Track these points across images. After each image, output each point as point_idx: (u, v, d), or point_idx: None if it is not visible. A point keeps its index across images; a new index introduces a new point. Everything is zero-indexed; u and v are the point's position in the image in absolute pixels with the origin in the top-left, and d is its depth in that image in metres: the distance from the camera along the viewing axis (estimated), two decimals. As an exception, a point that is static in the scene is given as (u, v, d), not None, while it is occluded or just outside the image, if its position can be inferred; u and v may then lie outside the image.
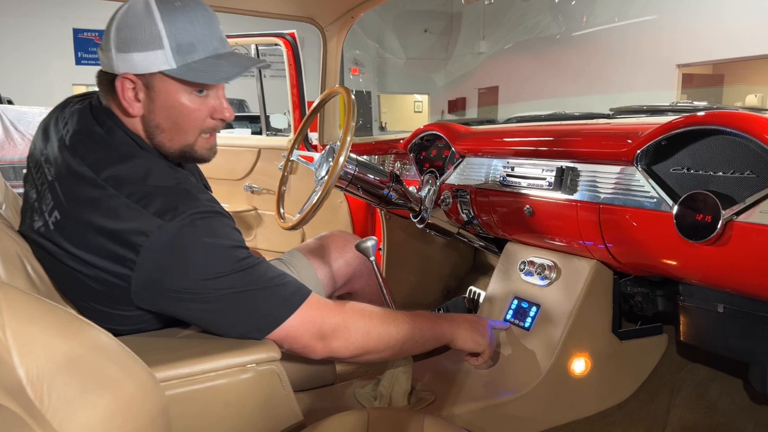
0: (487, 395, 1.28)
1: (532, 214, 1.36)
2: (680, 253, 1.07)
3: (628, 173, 1.15)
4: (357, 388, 1.29)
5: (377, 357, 1.14)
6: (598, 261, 1.31)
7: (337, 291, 1.54)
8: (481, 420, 1.25)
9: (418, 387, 1.29)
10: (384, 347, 1.12)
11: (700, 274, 1.08)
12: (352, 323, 1.09)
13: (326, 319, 1.07)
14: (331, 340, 1.07)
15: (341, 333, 1.07)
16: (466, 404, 1.25)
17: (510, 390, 1.29)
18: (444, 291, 2.15)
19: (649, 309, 1.34)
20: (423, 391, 1.28)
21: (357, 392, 1.28)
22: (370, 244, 1.26)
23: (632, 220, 1.14)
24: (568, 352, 1.30)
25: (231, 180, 2.45)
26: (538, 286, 1.41)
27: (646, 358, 1.40)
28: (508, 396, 1.28)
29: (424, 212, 1.70)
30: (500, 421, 1.27)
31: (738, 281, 1.00)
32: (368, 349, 1.11)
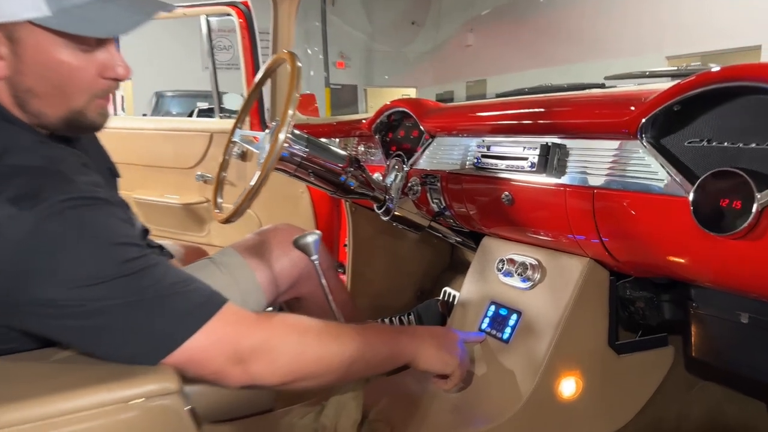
0: (456, 425, 1.05)
1: (512, 202, 1.12)
2: (696, 249, 0.83)
3: (630, 149, 0.91)
4: (296, 417, 1.05)
5: (316, 383, 0.90)
6: (591, 259, 1.07)
7: (281, 296, 1.29)
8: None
9: (371, 416, 1.05)
10: (324, 371, 0.89)
11: (722, 276, 0.85)
12: (279, 341, 0.85)
13: (244, 336, 0.83)
14: (250, 363, 0.83)
15: (264, 354, 0.84)
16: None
17: (485, 418, 1.06)
18: (418, 292, 1.92)
19: (652, 317, 1.10)
20: (376, 422, 1.04)
21: (295, 423, 1.04)
22: (311, 240, 1.02)
23: (634, 208, 0.90)
24: (555, 371, 1.07)
25: (180, 168, 2.20)
26: (519, 289, 1.17)
27: (648, 376, 1.17)
28: (483, 426, 1.04)
29: (390, 202, 1.45)
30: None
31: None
32: (302, 374, 0.87)
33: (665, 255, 0.90)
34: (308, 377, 0.88)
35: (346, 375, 0.92)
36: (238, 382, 0.83)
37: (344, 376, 0.92)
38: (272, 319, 0.88)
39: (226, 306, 0.83)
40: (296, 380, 0.87)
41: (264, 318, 0.87)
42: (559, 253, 1.13)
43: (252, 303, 1.20)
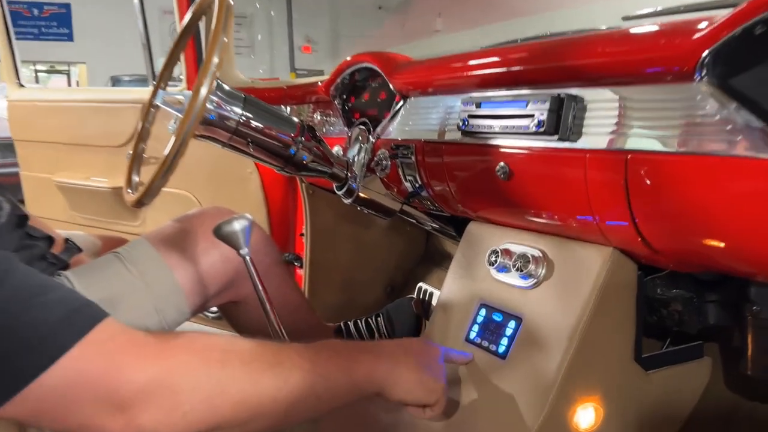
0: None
1: (509, 176, 0.86)
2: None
3: (684, 95, 0.65)
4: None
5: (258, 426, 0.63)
6: (615, 249, 0.81)
7: (213, 300, 1.01)
8: None
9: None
10: (253, 415, 0.61)
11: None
12: (183, 376, 0.57)
13: (129, 370, 0.55)
14: (138, 411, 0.55)
15: (159, 397, 0.56)
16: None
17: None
18: (387, 289, 1.65)
19: (691, 323, 0.85)
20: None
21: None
22: (239, 227, 0.73)
23: (688, 176, 0.65)
24: (569, 396, 0.81)
25: (110, 147, 1.88)
26: (518, 289, 0.90)
27: (680, 397, 0.92)
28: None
29: (352, 181, 1.18)
30: None
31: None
32: (220, 422, 0.60)
33: (729, 239, 0.65)
34: (229, 425, 0.60)
35: (288, 417, 0.65)
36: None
37: (285, 420, 0.65)
38: (174, 341, 0.60)
39: (104, 323, 0.55)
40: (211, 431, 0.59)
41: (162, 341, 0.59)
42: (570, 241, 0.87)
43: (169, 311, 0.91)
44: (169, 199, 1.75)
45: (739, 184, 0.60)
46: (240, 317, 1.09)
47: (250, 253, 0.76)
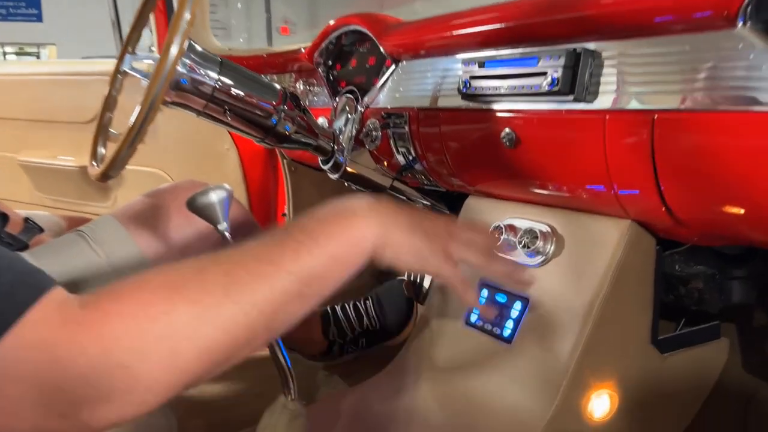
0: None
1: (516, 143, 0.78)
2: None
3: (723, 44, 0.57)
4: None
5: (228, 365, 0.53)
6: (633, 221, 0.74)
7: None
8: None
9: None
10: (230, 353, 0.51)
11: None
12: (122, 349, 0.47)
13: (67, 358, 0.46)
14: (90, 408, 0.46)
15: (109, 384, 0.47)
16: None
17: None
18: (376, 272, 1.56)
19: (713, 301, 0.79)
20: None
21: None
22: (216, 199, 0.64)
23: (725, 136, 0.57)
24: (582, 384, 0.74)
25: (77, 123, 1.76)
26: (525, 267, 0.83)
27: (697, 381, 0.86)
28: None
29: (339, 155, 1.09)
30: None
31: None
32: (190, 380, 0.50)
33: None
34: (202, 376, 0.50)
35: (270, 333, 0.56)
36: None
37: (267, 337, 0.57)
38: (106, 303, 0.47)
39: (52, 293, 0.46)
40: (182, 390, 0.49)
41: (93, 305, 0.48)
42: (582, 214, 0.79)
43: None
44: (142, 177, 1.65)
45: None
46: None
47: (229, 228, 0.67)
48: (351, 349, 1.21)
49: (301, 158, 1.43)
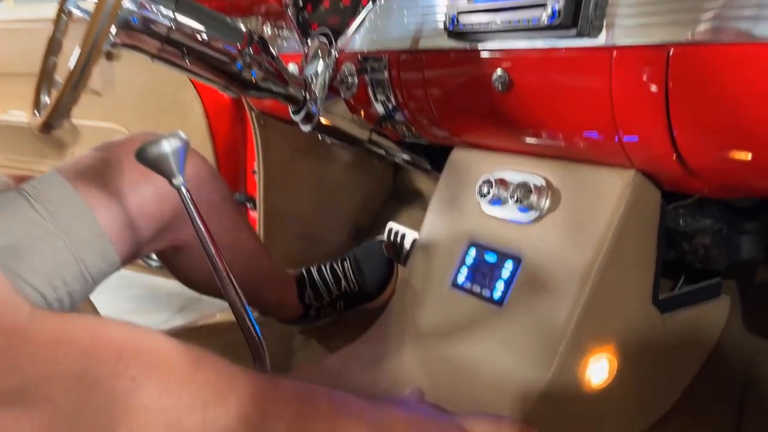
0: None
1: (509, 86, 0.70)
2: None
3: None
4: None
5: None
6: (638, 172, 0.68)
7: (147, 246, 0.83)
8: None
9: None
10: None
11: None
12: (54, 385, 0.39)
13: None
14: None
15: None
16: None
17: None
18: (353, 231, 1.49)
19: (719, 258, 0.73)
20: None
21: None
22: (169, 149, 0.55)
23: (755, 71, 0.50)
24: (580, 348, 0.68)
25: (26, 75, 1.62)
26: (516, 224, 0.76)
27: (697, 341, 0.81)
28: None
29: (312, 104, 1.00)
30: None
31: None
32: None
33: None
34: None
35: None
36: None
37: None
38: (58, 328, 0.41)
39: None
40: None
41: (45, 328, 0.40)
42: (581, 165, 0.73)
43: (93, 260, 0.74)
44: (99, 133, 1.53)
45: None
46: (183, 266, 0.92)
47: (186, 182, 0.59)
48: (328, 313, 1.15)
49: (271, 110, 1.33)
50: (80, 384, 0.39)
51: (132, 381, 0.41)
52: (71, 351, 0.40)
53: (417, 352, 0.80)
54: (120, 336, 0.43)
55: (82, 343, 0.41)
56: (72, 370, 0.39)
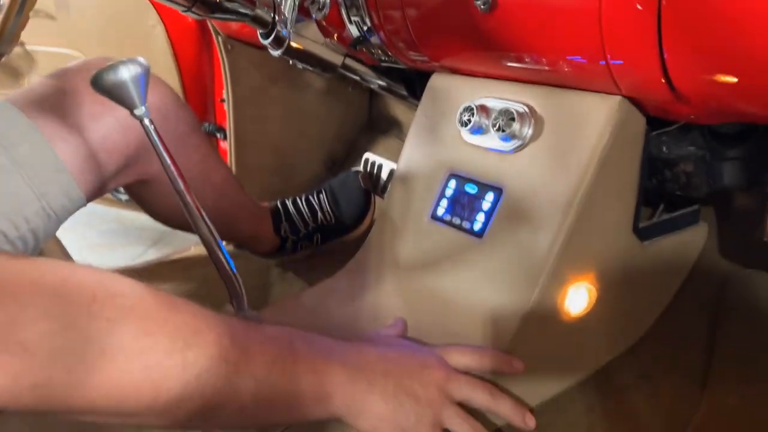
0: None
1: (492, 7, 0.66)
2: None
3: None
4: None
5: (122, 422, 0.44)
6: (624, 98, 0.65)
7: (113, 181, 0.79)
8: None
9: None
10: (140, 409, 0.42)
11: None
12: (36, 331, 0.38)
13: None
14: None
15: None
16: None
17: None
18: (327, 162, 1.46)
19: (701, 185, 0.72)
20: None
21: None
22: (128, 76, 0.51)
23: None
24: (560, 279, 0.68)
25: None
26: (498, 153, 0.74)
27: (674, 267, 0.82)
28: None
29: (282, 27, 0.94)
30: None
31: None
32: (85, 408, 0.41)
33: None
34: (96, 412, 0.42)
35: (187, 423, 0.46)
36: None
37: (180, 424, 0.46)
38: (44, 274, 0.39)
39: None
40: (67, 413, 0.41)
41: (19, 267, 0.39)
42: (565, 91, 0.70)
43: (55, 196, 0.70)
44: (56, 60, 1.45)
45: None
46: (152, 200, 0.88)
47: (149, 113, 0.55)
48: (305, 246, 1.13)
49: (239, 34, 1.26)
50: (54, 327, 0.38)
51: (108, 322, 0.40)
52: (43, 295, 0.38)
53: (396, 285, 0.79)
54: (93, 279, 0.42)
55: (54, 287, 0.39)
56: (45, 314, 0.38)
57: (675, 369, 0.77)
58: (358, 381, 0.52)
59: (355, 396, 0.52)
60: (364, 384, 0.53)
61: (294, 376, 0.48)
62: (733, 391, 0.71)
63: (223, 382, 0.44)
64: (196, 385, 0.42)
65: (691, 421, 0.71)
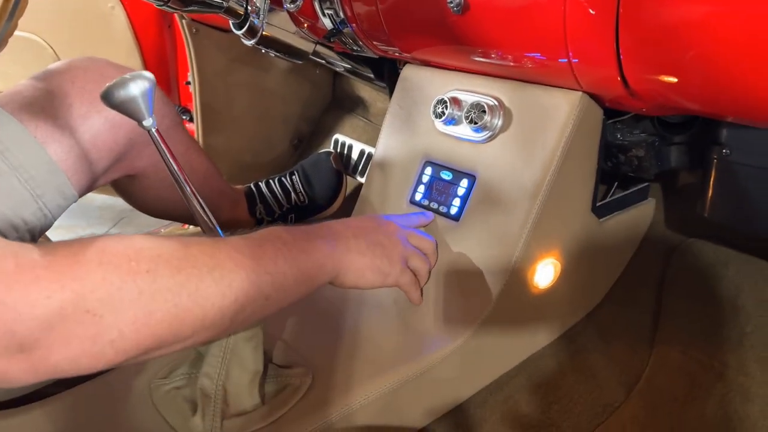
0: (403, 356, 0.72)
1: (465, 9, 0.71)
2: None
3: None
4: (154, 380, 0.66)
5: (179, 348, 0.51)
6: (585, 93, 0.72)
7: (103, 177, 0.82)
8: (399, 401, 0.69)
9: (277, 359, 0.69)
10: (196, 329, 0.50)
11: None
12: (101, 297, 0.44)
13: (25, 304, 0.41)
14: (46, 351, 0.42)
15: (73, 329, 0.43)
16: (372, 382, 0.67)
17: (439, 337, 0.74)
18: (294, 141, 1.49)
19: (651, 167, 0.81)
20: (287, 370, 0.68)
21: (155, 392, 0.65)
22: (138, 91, 0.54)
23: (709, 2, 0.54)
24: (530, 257, 0.76)
25: None
26: (470, 143, 0.81)
27: (627, 241, 0.91)
28: (437, 350, 0.72)
29: (255, 17, 0.97)
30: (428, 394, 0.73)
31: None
32: (158, 343, 0.48)
33: (737, 77, 0.57)
34: (168, 344, 0.48)
35: (235, 324, 0.54)
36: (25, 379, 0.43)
37: (231, 327, 0.54)
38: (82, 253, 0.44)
39: None
40: (141, 354, 0.47)
41: (65, 256, 0.44)
42: (531, 86, 0.76)
43: (50, 196, 0.72)
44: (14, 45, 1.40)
45: None
46: (139, 193, 0.91)
47: (156, 123, 0.58)
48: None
49: (203, 18, 1.27)
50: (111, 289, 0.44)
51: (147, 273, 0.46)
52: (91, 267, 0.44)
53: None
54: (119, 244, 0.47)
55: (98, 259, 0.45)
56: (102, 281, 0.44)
57: (627, 330, 0.87)
58: (337, 247, 0.65)
59: (340, 259, 0.64)
60: (342, 248, 0.65)
61: (293, 261, 0.58)
62: (677, 347, 0.82)
63: (247, 283, 0.52)
64: (230, 294, 0.51)
65: (643, 374, 0.81)
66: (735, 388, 0.75)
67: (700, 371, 0.79)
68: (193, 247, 0.51)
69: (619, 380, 0.81)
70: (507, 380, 0.80)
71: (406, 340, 0.74)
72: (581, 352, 0.85)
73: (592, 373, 0.82)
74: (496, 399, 0.78)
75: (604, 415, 0.77)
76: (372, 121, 1.40)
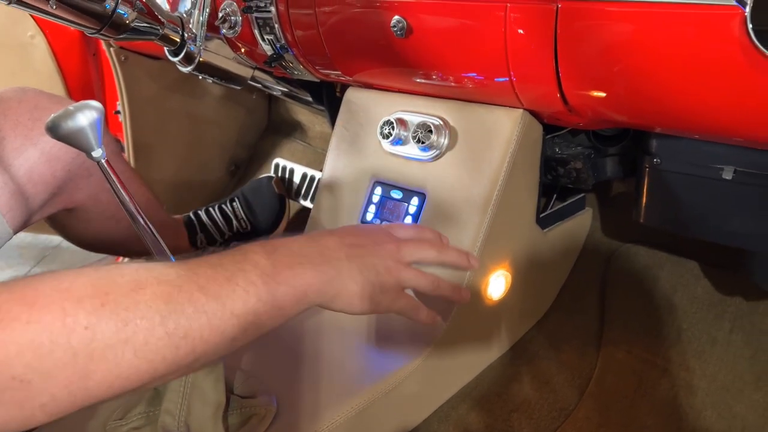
0: (367, 376, 0.72)
1: (407, 33, 0.73)
2: (740, 83, 0.55)
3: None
4: (109, 422, 0.63)
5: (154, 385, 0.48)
6: (526, 111, 0.76)
7: (40, 212, 0.78)
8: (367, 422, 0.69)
9: (239, 390, 0.67)
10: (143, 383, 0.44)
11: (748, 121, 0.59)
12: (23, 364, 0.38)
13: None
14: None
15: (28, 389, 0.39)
16: (339, 404, 0.67)
17: (401, 355, 0.74)
18: (231, 167, 1.47)
19: (588, 179, 0.85)
20: (250, 400, 0.66)
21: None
22: (86, 122, 0.52)
23: (632, 26, 0.59)
24: (484, 269, 0.78)
25: None
26: (418, 162, 0.82)
27: (568, 249, 0.95)
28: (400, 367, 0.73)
29: (191, 44, 0.95)
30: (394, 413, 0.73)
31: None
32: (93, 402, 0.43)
33: (670, 91, 0.62)
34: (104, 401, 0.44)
35: (188, 372, 0.49)
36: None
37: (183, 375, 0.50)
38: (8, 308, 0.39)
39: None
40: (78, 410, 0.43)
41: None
42: (474, 106, 0.79)
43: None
44: None
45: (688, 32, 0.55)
46: (77, 228, 0.87)
47: (105, 154, 0.56)
48: (224, 255, 1.15)
49: (132, 45, 1.23)
50: None
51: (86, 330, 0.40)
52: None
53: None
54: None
55: None
56: None
57: (575, 334, 0.90)
58: (326, 272, 0.56)
59: (327, 285, 0.56)
60: (333, 272, 0.57)
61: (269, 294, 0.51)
62: (623, 347, 0.86)
63: (208, 331, 0.46)
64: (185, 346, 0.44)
65: (593, 376, 0.84)
66: (678, 383, 0.80)
67: (646, 369, 0.83)
68: (147, 289, 0.44)
69: (572, 384, 0.84)
70: (468, 392, 0.81)
71: (368, 360, 0.74)
72: (534, 359, 0.87)
73: (545, 379, 0.85)
74: (458, 413, 0.79)
75: (560, 418, 0.80)
76: (311, 144, 1.40)
